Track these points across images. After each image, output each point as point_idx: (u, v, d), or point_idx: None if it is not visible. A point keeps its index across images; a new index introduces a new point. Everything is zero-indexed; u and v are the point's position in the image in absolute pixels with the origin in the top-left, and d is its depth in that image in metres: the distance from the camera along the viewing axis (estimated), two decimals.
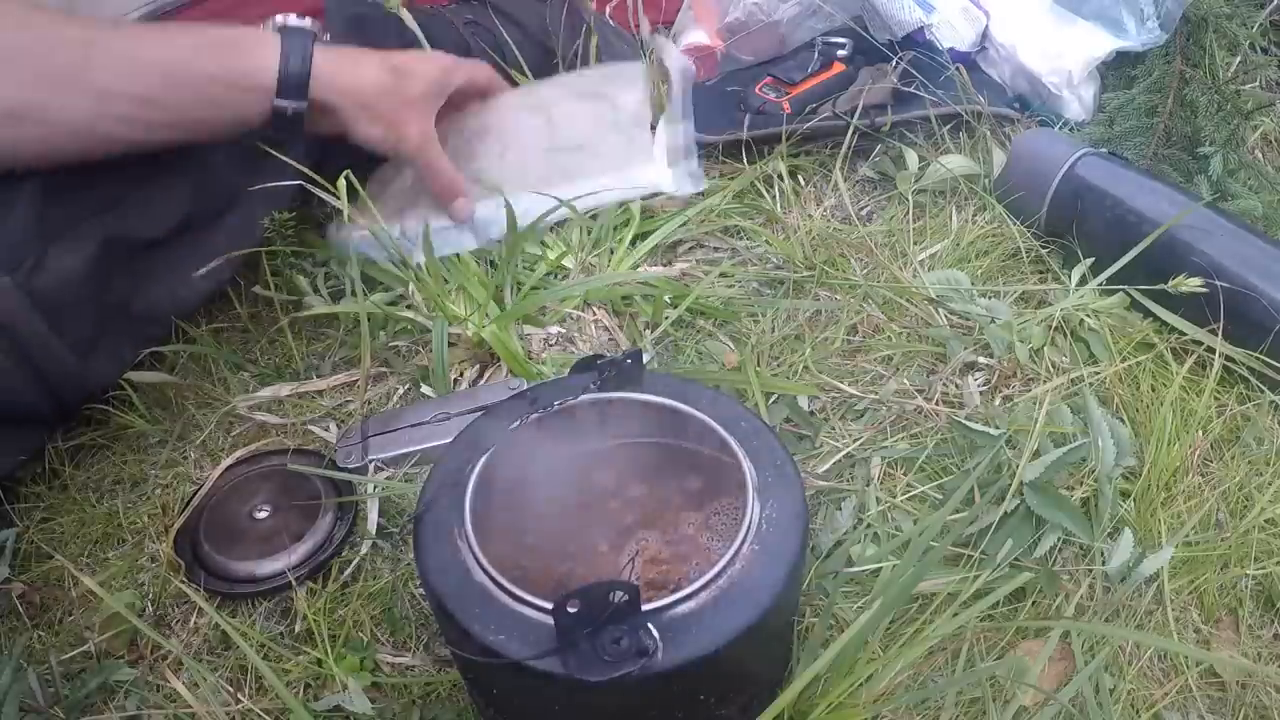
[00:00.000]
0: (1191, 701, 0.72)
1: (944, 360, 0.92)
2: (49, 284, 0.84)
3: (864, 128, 1.14)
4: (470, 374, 0.96)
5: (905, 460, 0.85)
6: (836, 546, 0.79)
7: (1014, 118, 1.19)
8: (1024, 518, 0.77)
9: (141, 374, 0.94)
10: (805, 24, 1.30)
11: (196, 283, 0.95)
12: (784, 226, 1.09)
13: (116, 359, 0.92)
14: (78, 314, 0.86)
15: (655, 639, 0.55)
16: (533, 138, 1.13)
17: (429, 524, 0.63)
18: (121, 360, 0.93)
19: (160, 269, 0.93)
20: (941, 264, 1.03)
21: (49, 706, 0.73)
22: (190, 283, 0.95)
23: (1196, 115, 1.10)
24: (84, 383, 0.89)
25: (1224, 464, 0.85)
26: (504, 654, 0.55)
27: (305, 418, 0.95)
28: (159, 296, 0.94)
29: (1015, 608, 0.76)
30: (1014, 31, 1.23)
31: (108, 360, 0.91)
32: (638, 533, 0.71)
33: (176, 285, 0.95)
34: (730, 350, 0.96)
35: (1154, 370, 0.91)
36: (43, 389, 0.86)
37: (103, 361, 0.90)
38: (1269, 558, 0.79)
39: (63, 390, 0.87)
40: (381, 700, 0.74)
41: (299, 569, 0.81)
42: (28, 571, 0.85)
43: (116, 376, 0.92)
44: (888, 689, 0.70)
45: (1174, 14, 1.16)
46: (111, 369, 0.92)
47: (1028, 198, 1.05)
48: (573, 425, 0.72)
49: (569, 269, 1.04)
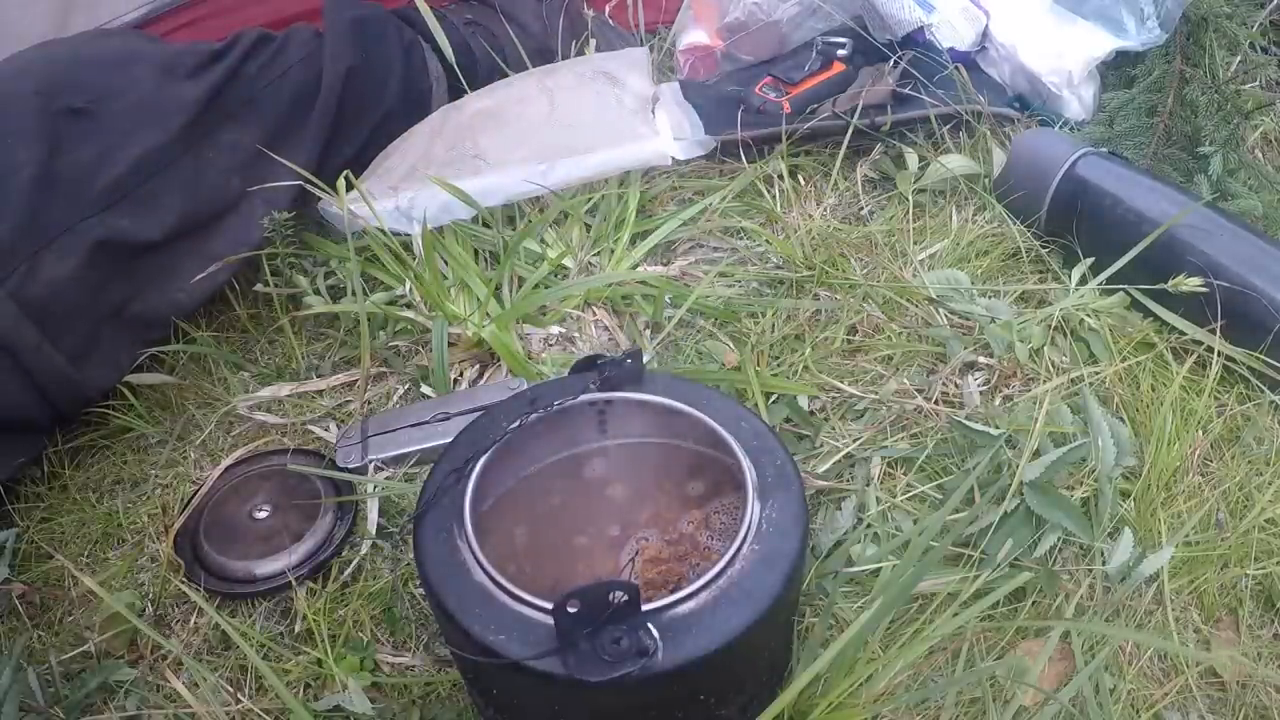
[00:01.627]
0: (1191, 701, 0.72)
1: (944, 360, 0.92)
2: (40, 292, 0.84)
3: (864, 127, 1.14)
4: (470, 374, 0.96)
5: (905, 460, 0.85)
6: (836, 546, 0.79)
7: (1014, 117, 1.19)
8: (1024, 517, 0.77)
9: (141, 375, 0.95)
10: (805, 24, 1.30)
11: (193, 286, 0.95)
12: (784, 226, 1.09)
13: (113, 364, 0.92)
14: (71, 321, 0.86)
15: (655, 639, 0.55)
16: (535, 116, 1.13)
17: (429, 524, 0.63)
18: (118, 366, 0.93)
19: (157, 272, 0.93)
20: (941, 264, 1.03)
21: (49, 706, 0.73)
22: (187, 286, 0.95)
23: (1196, 115, 1.10)
24: (80, 390, 0.89)
25: (1224, 464, 0.85)
26: (504, 654, 0.55)
27: (305, 417, 0.95)
28: (156, 300, 0.94)
29: (1015, 607, 0.76)
30: (1014, 31, 1.23)
31: (104, 366, 0.91)
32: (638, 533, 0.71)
33: (173, 289, 0.94)
34: (730, 350, 0.96)
35: (1154, 370, 0.91)
36: (38, 397, 0.86)
37: (99, 368, 0.90)
38: (1269, 557, 0.79)
39: (59, 398, 0.87)
40: (381, 700, 0.74)
41: (299, 569, 0.81)
42: (28, 571, 0.85)
43: (113, 382, 0.92)
44: (887, 689, 0.70)
45: (1174, 14, 1.16)
46: (108, 375, 0.92)
47: (1028, 197, 1.05)
48: (572, 425, 0.72)
49: (569, 268, 1.05)
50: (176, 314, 0.96)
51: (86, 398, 0.91)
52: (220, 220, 0.97)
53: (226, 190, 0.97)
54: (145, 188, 0.91)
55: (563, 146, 1.11)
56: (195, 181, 0.94)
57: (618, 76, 1.18)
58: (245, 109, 0.99)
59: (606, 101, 1.16)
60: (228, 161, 0.97)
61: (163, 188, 0.92)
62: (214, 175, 0.96)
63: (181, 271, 0.94)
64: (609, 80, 1.17)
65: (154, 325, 0.95)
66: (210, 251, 0.96)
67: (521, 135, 1.12)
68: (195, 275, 0.95)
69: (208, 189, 0.96)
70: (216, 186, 0.96)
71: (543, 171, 1.08)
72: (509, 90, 1.16)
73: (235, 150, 0.97)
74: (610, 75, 1.18)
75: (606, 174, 1.11)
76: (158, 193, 0.92)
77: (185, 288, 0.95)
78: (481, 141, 1.10)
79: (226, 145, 0.97)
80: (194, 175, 0.94)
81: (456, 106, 1.13)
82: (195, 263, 0.95)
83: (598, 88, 1.17)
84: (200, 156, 0.95)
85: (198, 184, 0.95)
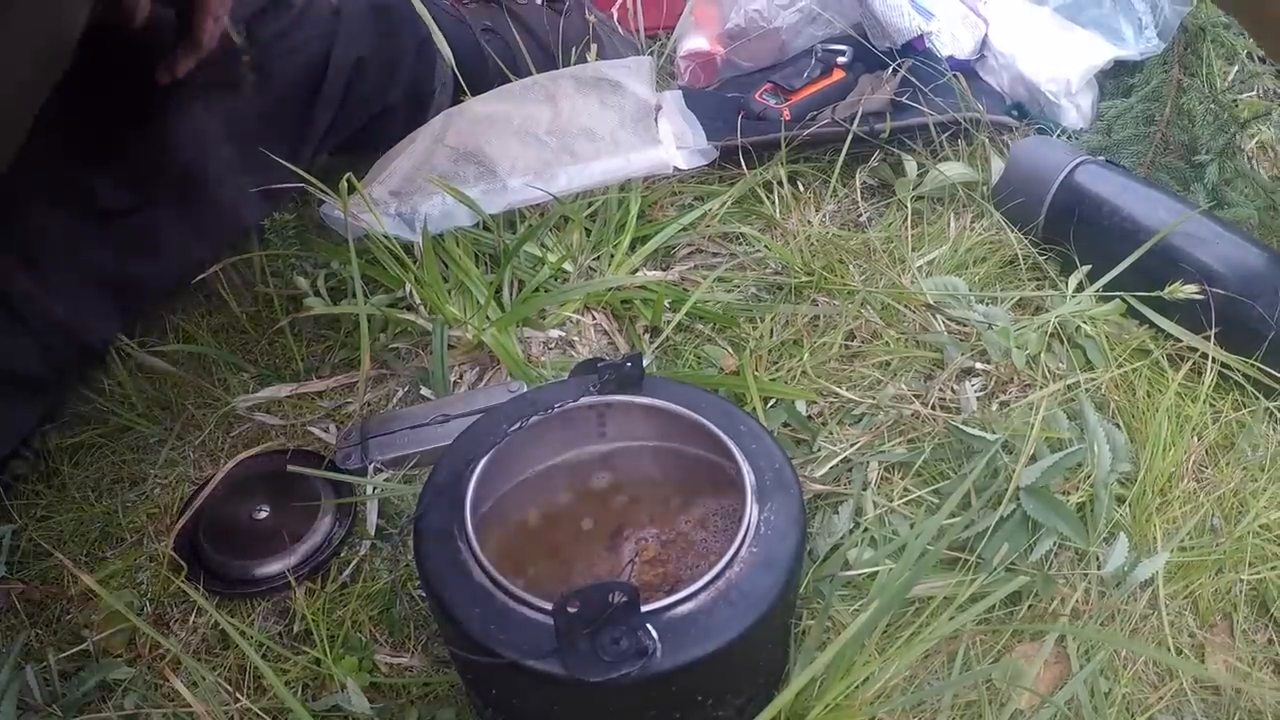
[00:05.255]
0: (1186, 705, 0.73)
1: (941, 366, 0.92)
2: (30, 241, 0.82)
3: (863, 134, 1.15)
4: (470, 376, 0.96)
5: (902, 465, 0.85)
6: (834, 550, 0.79)
7: (1012, 125, 1.19)
8: (1020, 522, 0.78)
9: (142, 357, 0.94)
10: (805, 31, 1.30)
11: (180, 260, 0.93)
12: (783, 232, 1.09)
13: (107, 318, 0.90)
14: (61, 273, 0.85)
15: (654, 640, 0.55)
16: (539, 122, 1.14)
17: (429, 525, 0.63)
18: (112, 321, 0.91)
19: (142, 238, 0.91)
20: (939, 270, 1.04)
21: (47, 705, 0.73)
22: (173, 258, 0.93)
23: (1194, 124, 1.11)
24: (77, 340, 0.87)
25: (1219, 470, 0.86)
26: (503, 654, 0.55)
27: (305, 418, 0.95)
28: (142, 266, 0.92)
29: (1011, 611, 0.76)
30: (1013, 40, 1.24)
31: (98, 320, 0.89)
32: (637, 534, 0.71)
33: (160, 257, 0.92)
34: (729, 355, 0.97)
35: (1150, 376, 0.91)
36: (35, 346, 0.84)
37: (93, 320, 0.88)
38: (1263, 563, 0.80)
39: (55, 349, 0.86)
40: (380, 700, 0.74)
41: (298, 569, 0.81)
42: (26, 569, 0.85)
43: (109, 335, 0.91)
44: (884, 691, 0.71)
45: (1172, 23, 1.17)
46: (103, 327, 0.90)
47: (1025, 205, 1.06)
48: (572, 428, 0.72)
49: (569, 273, 1.05)
50: (166, 285, 0.94)
51: (85, 350, 0.89)
52: (209, 191, 0.94)
53: (216, 160, 0.94)
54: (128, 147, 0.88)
55: (565, 154, 1.11)
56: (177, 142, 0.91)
57: (621, 84, 1.18)
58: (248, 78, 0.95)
59: (609, 109, 1.16)
60: (221, 129, 0.94)
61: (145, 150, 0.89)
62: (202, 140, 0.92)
63: (167, 239, 0.92)
64: (612, 87, 1.18)
65: (144, 292, 0.93)
66: (197, 223, 0.93)
67: (524, 142, 1.12)
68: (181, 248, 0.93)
69: (190, 153, 0.92)
70: (202, 153, 0.93)
71: (545, 179, 1.09)
72: (512, 96, 1.16)
73: (231, 120, 0.94)
74: (614, 82, 1.18)
75: (609, 182, 1.11)
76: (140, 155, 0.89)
77: (170, 258, 0.92)
78: (484, 148, 1.10)
79: (222, 113, 0.94)
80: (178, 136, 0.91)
81: (458, 111, 1.13)
82: (181, 232, 0.92)
83: (601, 95, 1.17)
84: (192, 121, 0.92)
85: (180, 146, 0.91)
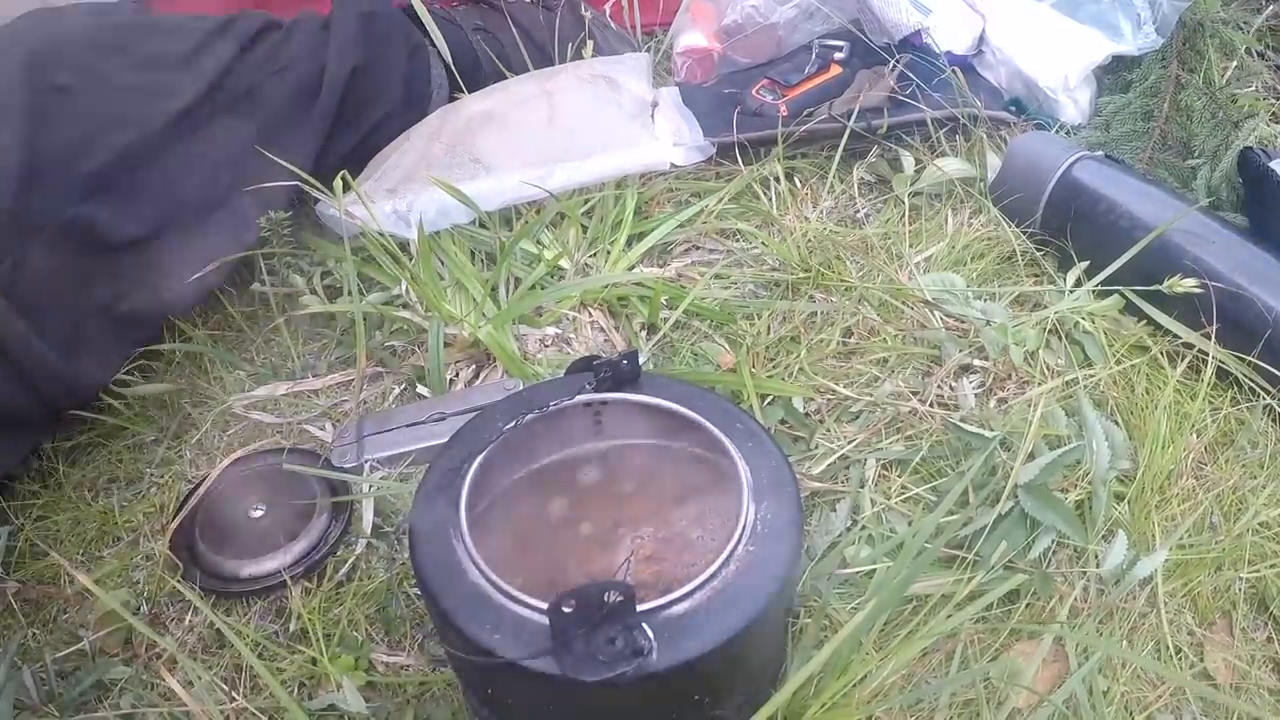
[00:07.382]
0: (1185, 704, 0.73)
1: (939, 362, 0.92)
2: (27, 285, 0.82)
3: (861, 130, 1.14)
4: (466, 374, 0.96)
5: (900, 462, 0.85)
6: (831, 548, 0.79)
7: (1010, 121, 1.19)
8: (1018, 520, 0.77)
9: (137, 389, 0.94)
10: (802, 26, 1.30)
11: (184, 286, 0.93)
12: (780, 228, 1.09)
13: (104, 361, 0.91)
14: (57, 316, 0.85)
15: (650, 639, 0.55)
16: (535, 120, 1.13)
17: (425, 524, 0.63)
18: (108, 362, 0.91)
19: (143, 269, 0.91)
20: (937, 266, 1.03)
21: (44, 704, 0.73)
22: (176, 286, 0.93)
23: (1192, 120, 1.11)
24: (71, 385, 0.87)
25: (1218, 467, 0.86)
26: (499, 654, 0.55)
27: (301, 417, 0.95)
28: (144, 299, 0.92)
29: (1009, 609, 0.76)
30: (1011, 35, 1.23)
31: (93, 362, 0.89)
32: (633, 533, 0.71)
33: (162, 288, 0.93)
34: (726, 351, 0.96)
35: (1148, 373, 0.91)
36: (27, 389, 0.84)
37: (89, 363, 0.88)
38: (1262, 560, 0.80)
39: (48, 392, 0.86)
40: (376, 699, 0.74)
41: (294, 568, 0.81)
42: (23, 569, 0.85)
43: (106, 378, 0.91)
44: (881, 689, 0.70)
45: (1170, 19, 1.17)
46: (99, 371, 0.90)
47: (1023, 201, 1.05)
48: (568, 426, 0.72)
49: (565, 270, 1.05)
50: (166, 313, 0.95)
51: (79, 393, 0.89)
52: (209, 216, 0.95)
53: (216, 185, 0.95)
54: (129, 179, 0.88)
55: (562, 151, 1.11)
56: (183, 175, 0.92)
57: (617, 81, 1.18)
58: (243, 102, 0.97)
59: (606, 106, 1.16)
60: (219, 155, 0.95)
61: (147, 180, 0.90)
62: (204, 169, 0.94)
63: (169, 269, 0.92)
64: (608, 84, 1.17)
65: (144, 324, 0.94)
66: (200, 249, 0.94)
67: (520, 139, 1.12)
68: (185, 274, 0.93)
69: (196, 183, 0.93)
70: (205, 181, 0.94)
71: (541, 176, 1.08)
72: (507, 93, 1.16)
73: (229, 144, 0.95)
74: (610, 79, 1.18)
75: (605, 179, 1.11)
76: (142, 185, 0.89)
77: (174, 287, 0.93)
78: (480, 145, 1.10)
79: (220, 138, 0.95)
80: (182, 168, 0.92)
81: (454, 108, 1.13)
82: (184, 261, 0.93)
83: (597, 91, 1.17)
84: (190, 148, 0.93)
85: (185, 178, 0.92)
